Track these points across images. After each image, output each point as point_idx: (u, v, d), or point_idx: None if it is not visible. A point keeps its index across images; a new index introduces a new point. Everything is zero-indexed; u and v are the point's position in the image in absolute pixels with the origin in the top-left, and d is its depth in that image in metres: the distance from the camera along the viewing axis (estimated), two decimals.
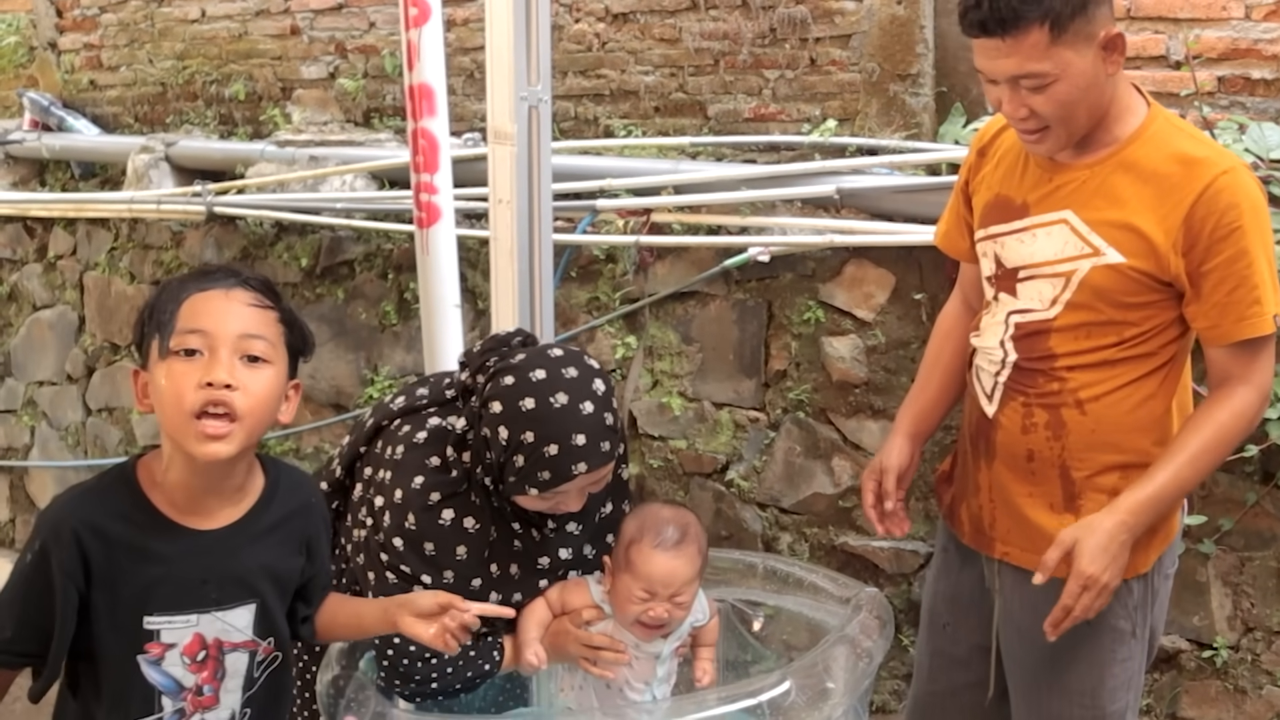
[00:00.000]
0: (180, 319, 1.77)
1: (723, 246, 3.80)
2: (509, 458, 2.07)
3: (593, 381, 2.10)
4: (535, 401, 2.05)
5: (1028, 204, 2.33)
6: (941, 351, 2.64)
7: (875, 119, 3.70)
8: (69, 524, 1.77)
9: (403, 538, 2.16)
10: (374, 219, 4.55)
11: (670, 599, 2.23)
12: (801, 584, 2.45)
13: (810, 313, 3.68)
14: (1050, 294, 2.29)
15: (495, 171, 3.10)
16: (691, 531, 2.28)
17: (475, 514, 2.18)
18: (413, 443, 2.23)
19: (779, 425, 3.79)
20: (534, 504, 2.15)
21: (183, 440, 1.77)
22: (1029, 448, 2.35)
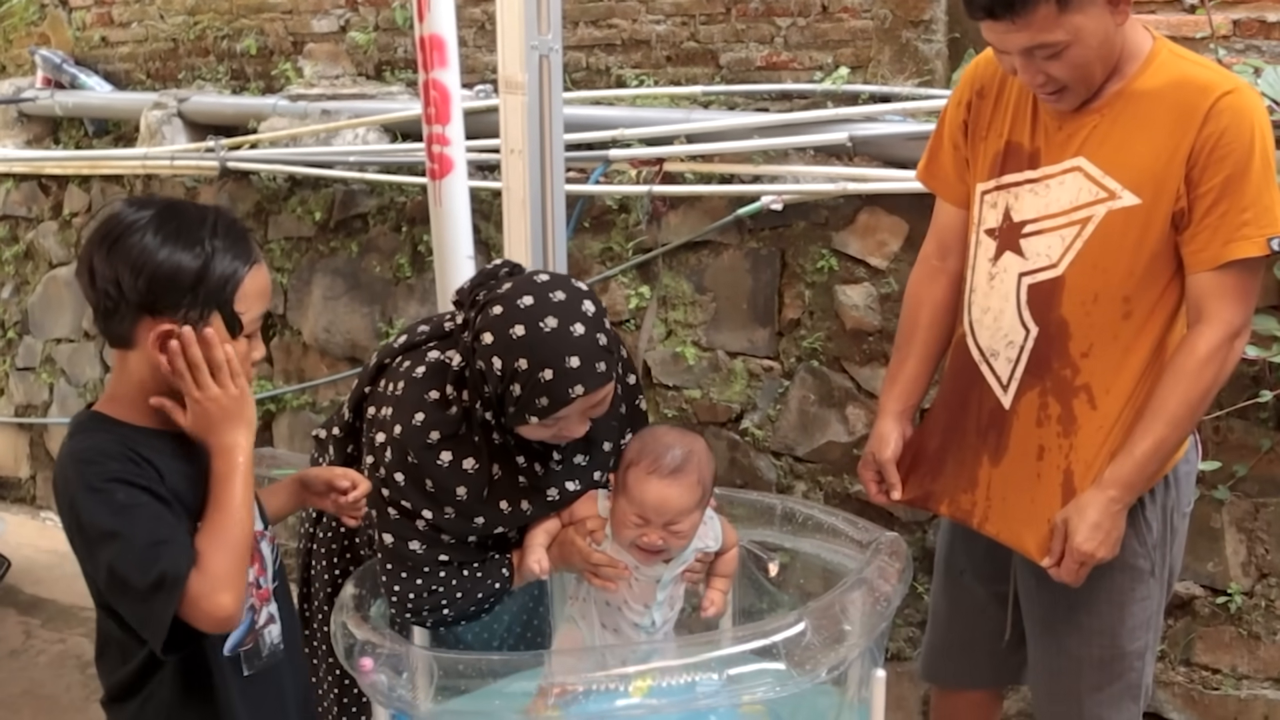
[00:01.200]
0: (240, 300, 1.84)
1: (735, 195, 3.78)
2: (506, 388, 2.07)
3: (581, 303, 2.10)
4: (525, 328, 2.05)
5: (1039, 152, 2.29)
6: (917, 320, 2.58)
7: (888, 66, 3.68)
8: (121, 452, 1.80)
9: (404, 473, 2.17)
10: (387, 172, 4.54)
11: (665, 527, 2.19)
12: (820, 527, 2.44)
13: (824, 261, 3.67)
14: (1060, 248, 2.25)
15: (507, 121, 3.09)
16: (694, 460, 2.22)
17: (475, 454, 2.18)
18: (412, 378, 2.23)
19: (793, 374, 3.79)
20: (537, 433, 2.14)
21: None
22: (1040, 443, 2.32)
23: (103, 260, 1.80)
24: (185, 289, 1.80)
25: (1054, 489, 2.31)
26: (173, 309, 1.80)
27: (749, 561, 2.52)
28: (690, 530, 2.23)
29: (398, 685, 1.97)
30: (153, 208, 1.84)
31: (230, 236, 1.85)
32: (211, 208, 1.90)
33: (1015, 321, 2.33)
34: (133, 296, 1.78)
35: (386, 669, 1.98)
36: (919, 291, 2.59)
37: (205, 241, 1.82)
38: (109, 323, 1.83)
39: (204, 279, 1.81)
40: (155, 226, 1.80)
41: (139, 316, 1.80)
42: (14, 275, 6.13)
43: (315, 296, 4.86)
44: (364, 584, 2.24)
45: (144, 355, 1.82)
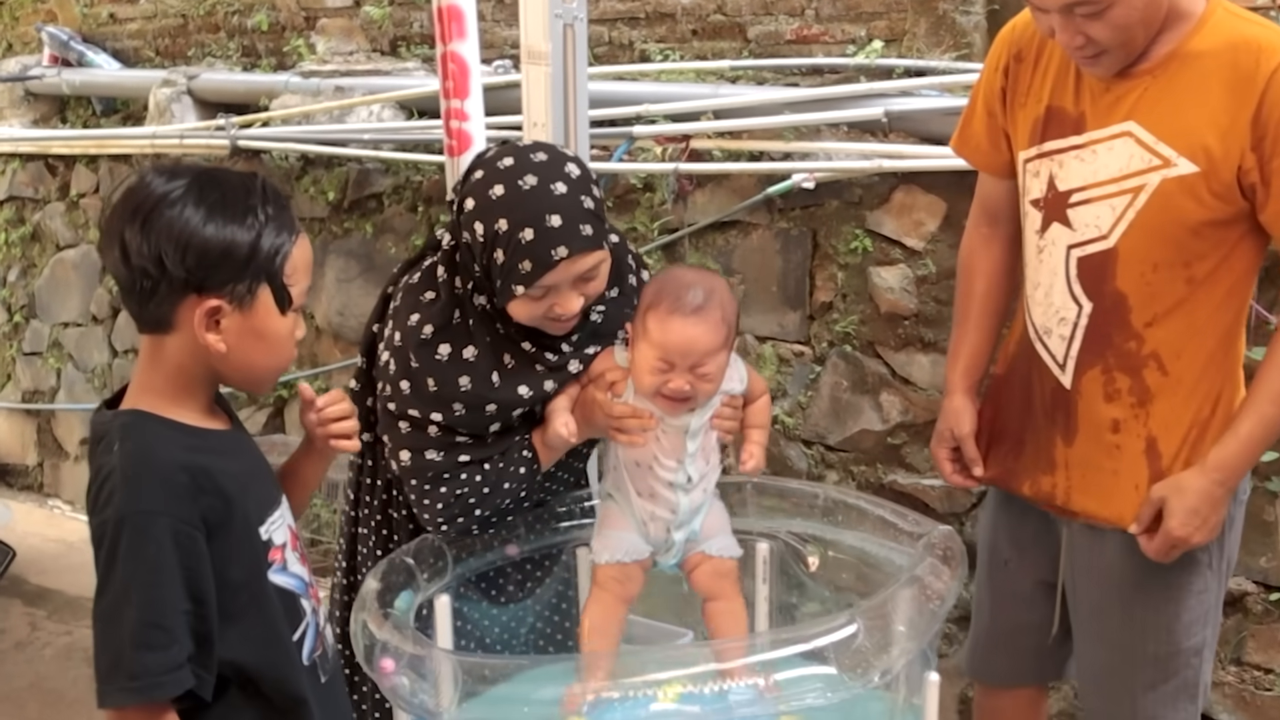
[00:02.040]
0: (289, 273, 1.74)
1: (765, 174, 3.64)
2: (490, 256, 1.98)
3: (564, 165, 2.02)
4: (504, 187, 1.97)
5: (1084, 116, 2.16)
6: (972, 290, 2.47)
7: (924, 39, 3.54)
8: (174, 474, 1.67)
9: (407, 379, 2.07)
10: (402, 150, 4.43)
11: (691, 370, 2.04)
12: (865, 518, 2.30)
13: (857, 241, 3.53)
14: (1110, 218, 2.12)
15: (529, 93, 2.97)
16: (716, 296, 2.06)
17: (473, 340, 2.08)
18: (409, 285, 2.14)
19: (825, 359, 3.65)
20: (529, 310, 2.03)
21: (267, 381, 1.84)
22: (1113, 417, 2.20)
23: (138, 235, 1.65)
24: (239, 264, 1.68)
25: (1137, 458, 2.20)
26: (221, 286, 1.68)
27: (786, 555, 2.39)
28: (718, 373, 2.09)
29: (420, 689, 1.83)
30: (186, 176, 1.70)
31: (277, 205, 1.74)
32: (249, 174, 1.78)
33: (1066, 297, 2.21)
34: (178, 274, 1.65)
35: (408, 671, 1.85)
36: (970, 261, 2.48)
37: (256, 211, 1.70)
38: (146, 305, 1.69)
39: (256, 252, 1.69)
40: (196, 197, 1.67)
41: (183, 296, 1.68)
42: (20, 258, 6.03)
43: (329, 279, 4.73)
44: (387, 578, 2.11)
45: (186, 338, 1.70)
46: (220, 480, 1.71)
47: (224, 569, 1.70)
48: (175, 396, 1.74)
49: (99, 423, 1.77)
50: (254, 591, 1.76)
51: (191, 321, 1.68)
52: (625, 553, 2.15)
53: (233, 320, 1.70)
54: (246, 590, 1.75)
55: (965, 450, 2.42)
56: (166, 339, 1.72)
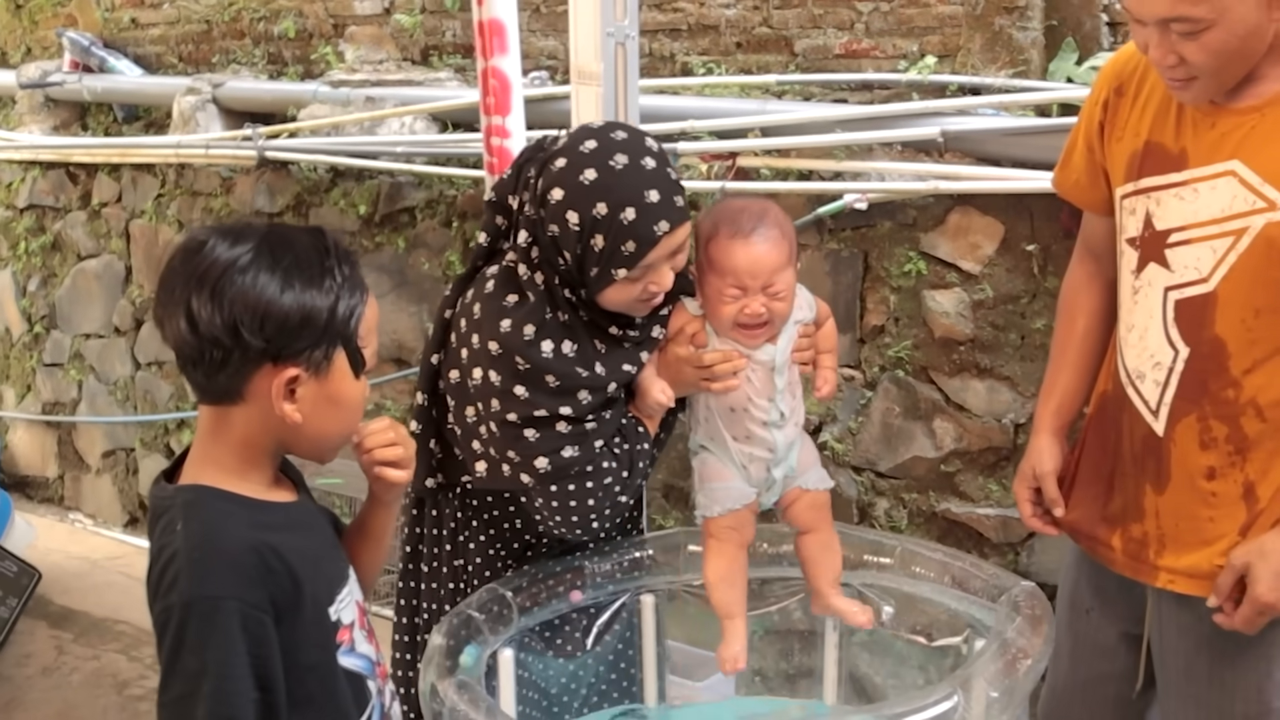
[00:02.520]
0: (362, 335, 1.67)
1: (815, 193, 3.54)
2: (586, 244, 1.93)
3: (644, 140, 1.99)
4: (596, 170, 1.92)
5: (1186, 152, 2.05)
6: (1072, 328, 2.38)
7: (979, 55, 3.43)
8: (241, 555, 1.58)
9: (523, 383, 1.98)
10: (436, 163, 4.33)
11: (764, 290, 2.05)
12: (942, 570, 2.21)
13: (911, 264, 3.43)
14: (1210, 260, 2.01)
15: (579, 114, 2.88)
16: (770, 215, 2.08)
17: (570, 335, 2.02)
18: (484, 295, 2.03)
19: (876, 384, 3.55)
20: (625, 293, 1.99)
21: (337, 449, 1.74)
22: (1209, 464, 2.09)
23: (208, 305, 1.55)
24: (317, 330, 1.59)
25: (1234, 503, 2.10)
26: (298, 354, 1.59)
27: None
28: (788, 290, 2.10)
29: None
30: (252, 238, 1.60)
31: (349, 264, 1.66)
32: (316, 231, 1.68)
33: (1162, 340, 2.10)
34: (255, 344, 1.56)
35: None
36: (1072, 299, 2.40)
37: (333, 273, 1.62)
38: (215, 376, 1.60)
39: (334, 317, 1.61)
40: (269, 262, 1.58)
41: (258, 366, 1.59)
42: (41, 267, 5.94)
43: None
44: (454, 633, 2.01)
45: (257, 409, 1.61)
46: (290, 559, 1.62)
47: (293, 653, 1.61)
48: (241, 470, 1.65)
49: (159, 498, 1.67)
50: (323, 676, 1.68)
51: (264, 392, 1.60)
52: (735, 500, 2.17)
53: (309, 389, 1.62)
54: (315, 675, 1.66)
55: (1046, 490, 2.32)
56: (233, 410, 1.63)
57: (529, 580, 2.16)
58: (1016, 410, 3.34)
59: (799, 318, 2.17)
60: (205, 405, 1.65)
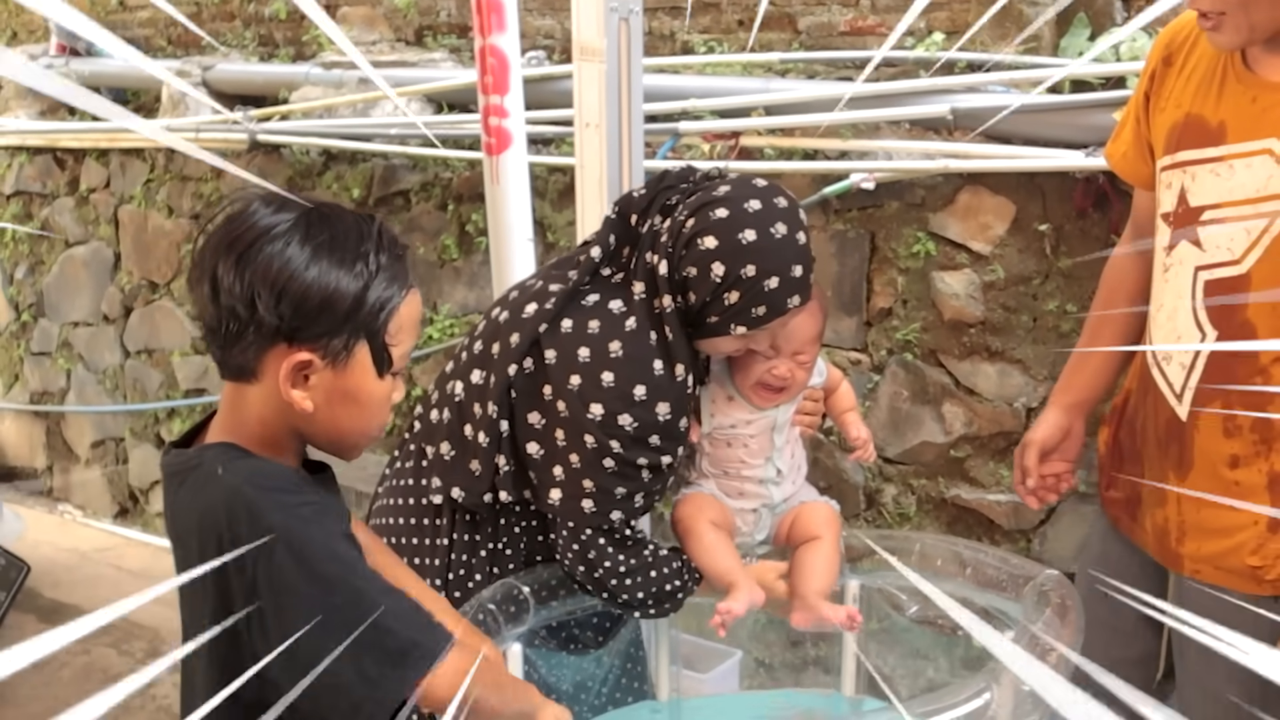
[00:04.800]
0: (392, 332, 1.55)
1: (820, 173, 3.46)
2: (719, 295, 1.93)
3: (800, 213, 2.00)
4: (756, 234, 1.91)
5: (1225, 126, 1.98)
6: (1113, 305, 2.31)
7: (988, 31, 3.35)
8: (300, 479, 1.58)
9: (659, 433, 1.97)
10: (431, 145, 4.23)
11: (793, 356, 2.07)
12: (965, 566, 2.14)
13: (919, 245, 3.35)
14: (1244, 241, 1.94)
15: (582, 92, 2.80)
16: (815, 288, 2.09)
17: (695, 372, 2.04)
18: (626, 332, 1.96)
19: (883, 368, 3.48)
20: (727, 346, 2.02)
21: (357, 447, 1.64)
22: (1233, 453, 2.03)
23: (232, 271, 1.46)
24: (338, 316, 1.49)
25: (1259, 492, 2.03)
26: (315, 338, 1.49)
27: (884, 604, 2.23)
28: (813, 361, 2.15)
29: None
30: (294, 210, 1.50)
31: (392, 254, 1.54)
32: (365, 216, 1.57)
33: (1190, 322, 2.04)
34: (270, 320, 1.46)
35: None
36: (1118, 278, 2.34)
37: (368, 259, 1.50)
38: (230, 349, 1.51)
39: (360, 305, 1.50)
40: (303, 235, 1.48)
41: (271, 344, 1.49)
42: (29, 255, 5.84)
43: None
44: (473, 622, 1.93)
45: (269, 390, 1.52)
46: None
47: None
48: (261, 446, 1.57)
49: (178, 460, 1.58)
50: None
51: (275, 373, 1.50)
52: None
53: (323, 377, 1.52)
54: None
55: (1025, 457, 2.33)
56: (249, 389, 1.54)
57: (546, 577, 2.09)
58: (1029, 394, 3.27)
59: (813, 383, 2.20)
60: (226, 380, 1.57)
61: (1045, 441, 2.34)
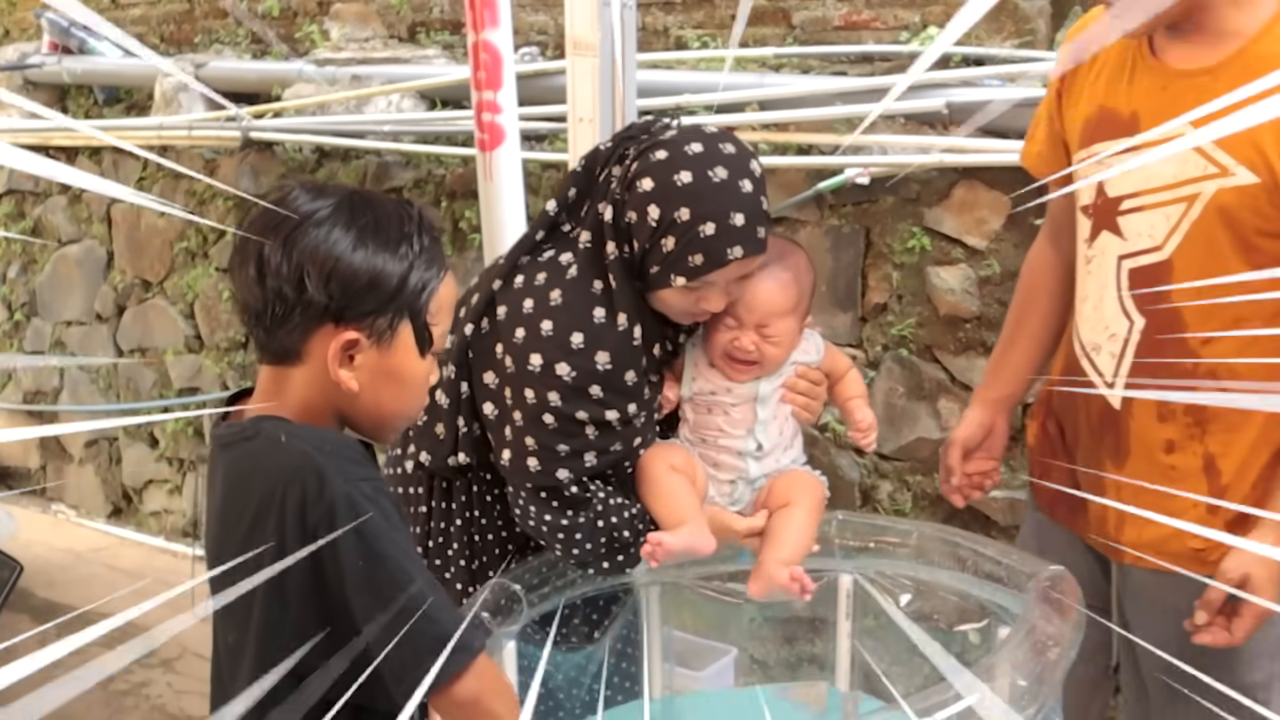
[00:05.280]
0: (433, 312, 1.60)
1: (815, 168, 3.45)
2: (656, 241, 1.87)
3: (750, 162, 1.91)
4: (692, 175, 1.85)
5: (1137, 116, 1.99)
6: (1032, 306, 2.34)
7: (983, 25, 3.33)
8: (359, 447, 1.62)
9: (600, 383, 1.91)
10: (424, 142, 4.23)
11: (758, 329, 2.00)
12: (965, 557, 2.13)
13: (914, 240, 3.34)
14: (1164, 226, 1.96)
15: (575, 86, 2.79)
16: (790, 259, 2.04)
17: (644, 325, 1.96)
18: (567, 280, 1.93)
19: (879, 364, 3.47)
20: (677, 301, 1.93)
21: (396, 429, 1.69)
22: (1168, 437, 2.04)
23: (279, 253, 1.50)
24: (385, 296, 1.53)
25: (1195, 477, 2.05)
26: (362, 318, 1.53)
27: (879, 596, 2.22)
28: (784, 338, 2.04)
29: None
30: (336, 194, 1.55)
31: (431, 237, 1.59)
32: (404, 201, 1.63)
33: (1117, 311, 2.06)
34: (319, 299, 1.50)
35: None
36: (1036, 276, 2.36)
37: (411, 241, 1.55)
38: (276, 331, 1.54)
39: (404, 285, 1.54)
40: (347, 218, 1.52)
41: (319, 324, 1.52)
42: (21, 254, 5.83)
43: None
44: None
45: (314, 371, 1.55)
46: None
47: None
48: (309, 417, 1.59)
49: (230, 432, 1.61)
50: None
51: (323, 354, 1.53)
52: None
53: (368, 357, 1.55)
54: None
55: (949, 455, 2.33)
56: (292, 371, 1.56)
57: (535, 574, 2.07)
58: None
59: (801, 359, 2.12)
60: (263, 364, 1.59)
61: (968, 440, 2.35)
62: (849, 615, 2.28)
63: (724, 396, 2.06)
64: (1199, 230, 1.93)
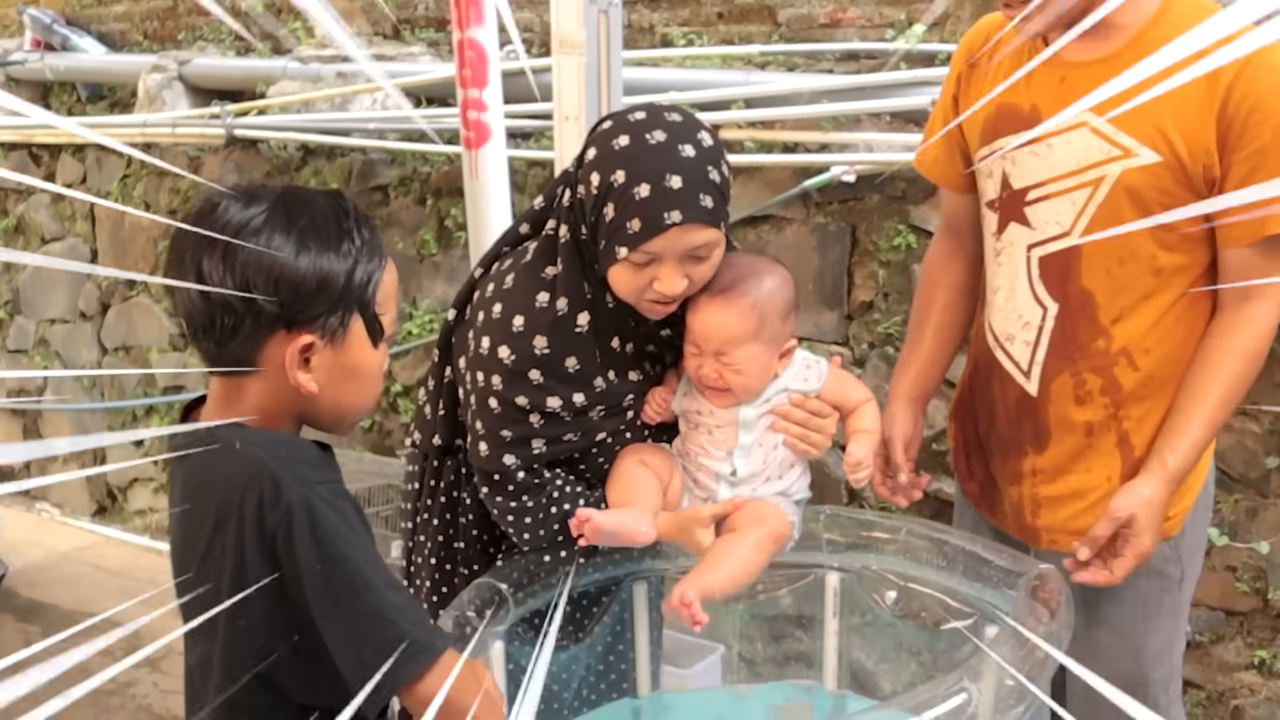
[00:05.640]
0: (380, 302, 1.58)
1: (801, 166, 3.45)
2: (599, 211, 1.79)
3: (697, 131, 1.80)
4: (629, 138, 1.78)
5: (1038, 109, 2.01)
6: (931, 303, 2.33)
7: (968, 22, 3.35)
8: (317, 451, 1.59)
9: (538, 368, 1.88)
10: (409, 140, 4.22)
11: (717, 358, 1.88)
12: (954, 555, 2.12)
13: (900, 238, 3.35)
14: (1071, 213, 1.98)
15: (561, 85, 2.79)
16: (751, 282, 1.89)
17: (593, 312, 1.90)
18: (522, 264, 1.92)
19: (865, 361, 3.47)
20: (629, 280, 1.82)
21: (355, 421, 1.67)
22: (1086, 420, 2.06)
23: (219, 267, 1.47)
24: (335, 295, 1.51)
25: (1109, 453, 2.08)
26: (313, 320, 1.51)
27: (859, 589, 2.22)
28: (750, 368, 1.90)
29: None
30: (266, 199, 1.52)
31: (368, 228, 1.57)
32: (335, 194, 1.60)
33: (1029, 300, 2.07)
34: (268, 309, 1.47)
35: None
36: (934, 275, 2.35)
37: (352, 236, 1.53)
38: (227, 344, 1.51)
39: (351, 281, 1.52)
40: (284, 222, 1.49)
41: (271, 332, 1.50)
42: None
43: None
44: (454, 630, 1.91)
45: (270, 379, 1.53)
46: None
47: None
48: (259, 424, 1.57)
49: (187, 439, 1.57)
50: None
51: (277, 360, 1.51)
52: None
53: (324, 357, 1.53)
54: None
55: (892, 454, 2.25)
56: (246, 380, 1.54)
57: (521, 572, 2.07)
58: None
59: (796, 386, 1.97)
60: (216, 375, 1.57)
61: (905, 436, 2.28)
62: (836, 613, 2.27)
63: (707, 417, 1.98)
64: (1106, 213, 1.95)
